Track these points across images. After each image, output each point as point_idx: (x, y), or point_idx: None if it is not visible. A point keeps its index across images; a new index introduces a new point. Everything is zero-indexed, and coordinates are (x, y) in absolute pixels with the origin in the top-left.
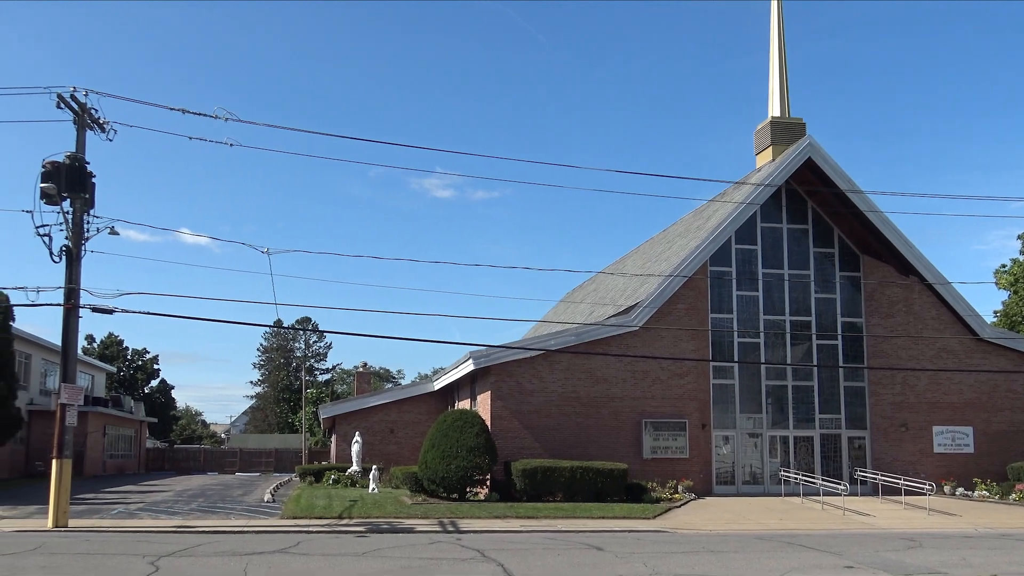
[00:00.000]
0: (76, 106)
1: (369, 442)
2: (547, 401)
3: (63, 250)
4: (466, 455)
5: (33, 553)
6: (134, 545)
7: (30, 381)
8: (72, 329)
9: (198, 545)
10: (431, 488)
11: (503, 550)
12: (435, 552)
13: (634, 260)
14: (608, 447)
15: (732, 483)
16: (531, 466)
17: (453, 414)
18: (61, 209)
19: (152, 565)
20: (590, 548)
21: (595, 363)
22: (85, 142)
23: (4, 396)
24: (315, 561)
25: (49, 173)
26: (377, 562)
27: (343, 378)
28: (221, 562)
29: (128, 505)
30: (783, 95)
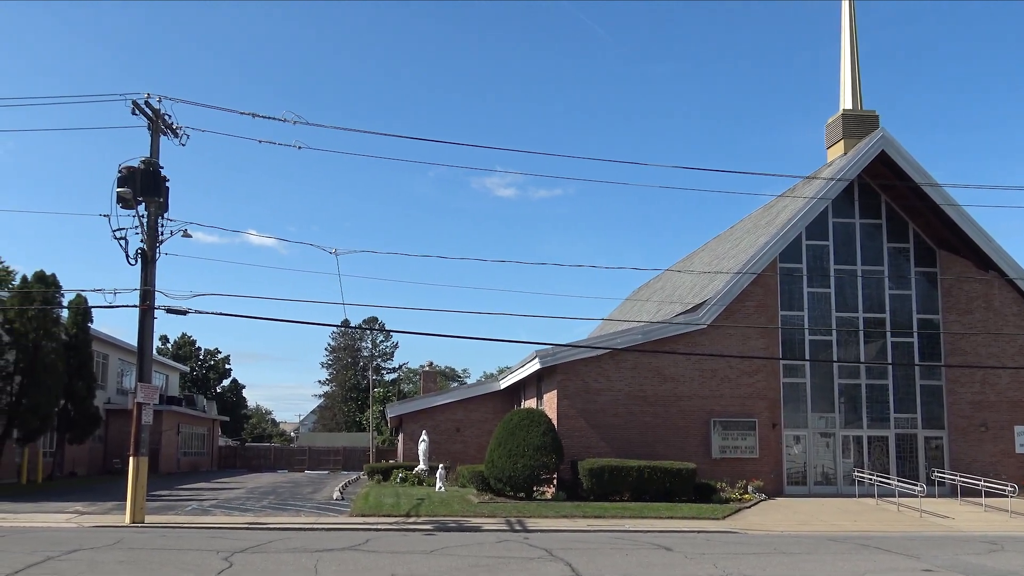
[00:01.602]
0: (150, 112)
1: (436, 441)
2: (614, 400)
3: (138, 253)
4: (532, 454)
5: (112, 548)
6: (208, 541)
7: (107, 381)
8: (147, 330)
9: (270, 542)
10: (498, 487)
11: (571, 549)
12: (503, 551)
13: (701, 257)
14: (676, 446)
15: (803, 483)
16: (598, 465)
17: (519, 413)
18: (136, 213)
19: (226, 561)
20: (659, 548)
21: (662, 361)
22: (159, 147)
23: (83, 395)
24: (384, 558)
25: (125, 178)
26: (445, 560)
27: (409, 377)
28: (292, 558)
29: (202, 502)
30: (855, 87)
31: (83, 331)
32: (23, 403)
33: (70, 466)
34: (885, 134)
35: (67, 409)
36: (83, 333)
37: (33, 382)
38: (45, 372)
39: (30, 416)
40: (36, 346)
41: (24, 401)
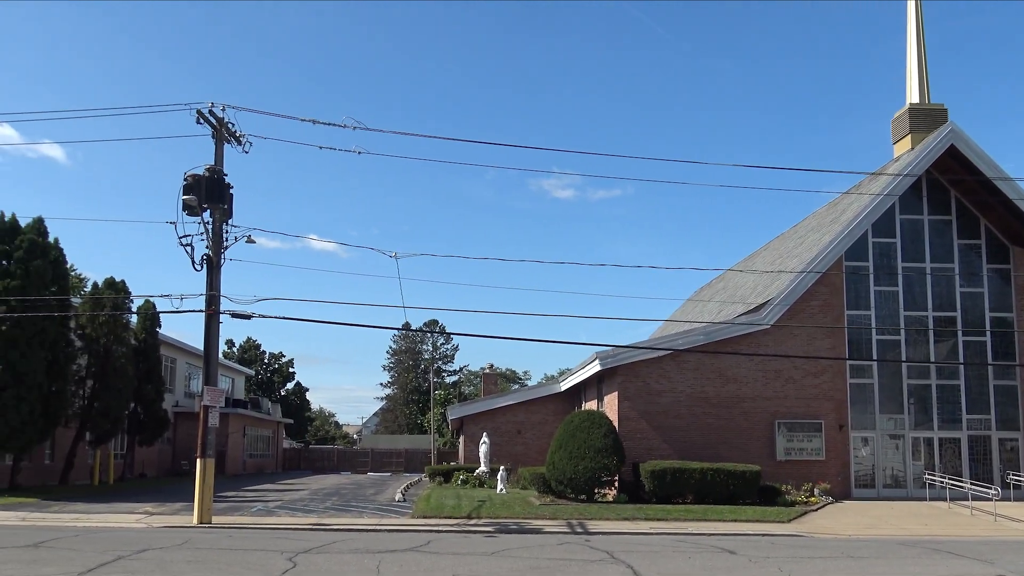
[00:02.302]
0: (214, 121)
1: (496, 443)
2: (675, 401)
3: (204, 259)
4: (594, 456)
5: (180, 548)
6: (273, 541)
7: (175, 384)
8: (213, 334)
9: (333, 542)
10: (559, 489)
11: (633, 552)
12: (564, 553)
13: (764, 257)
14: (739, 448)
15: (872, 486)
16: (660, 467)
17: (580, 415)
18: (202, 220)
19: (290, 561)
20: (722, 551)
21: (725, 362)
22: (223, 155)
23: (152, 398)
24: (445, 560)
25: (190, 186)
26: (507, 562)
27: (470, 379)
28: (355, 559)
29: (267, 503)
30: (922, 80)
31: (151, 336)
32: (95, 406)
33: (140, 467)
34: (954, 128)
35: (137, 412)
36: (151, 338)
37: (104, 386)
38: (116, 376)
39: (101, 419)
40: (107, 351)
41: (96, 404)
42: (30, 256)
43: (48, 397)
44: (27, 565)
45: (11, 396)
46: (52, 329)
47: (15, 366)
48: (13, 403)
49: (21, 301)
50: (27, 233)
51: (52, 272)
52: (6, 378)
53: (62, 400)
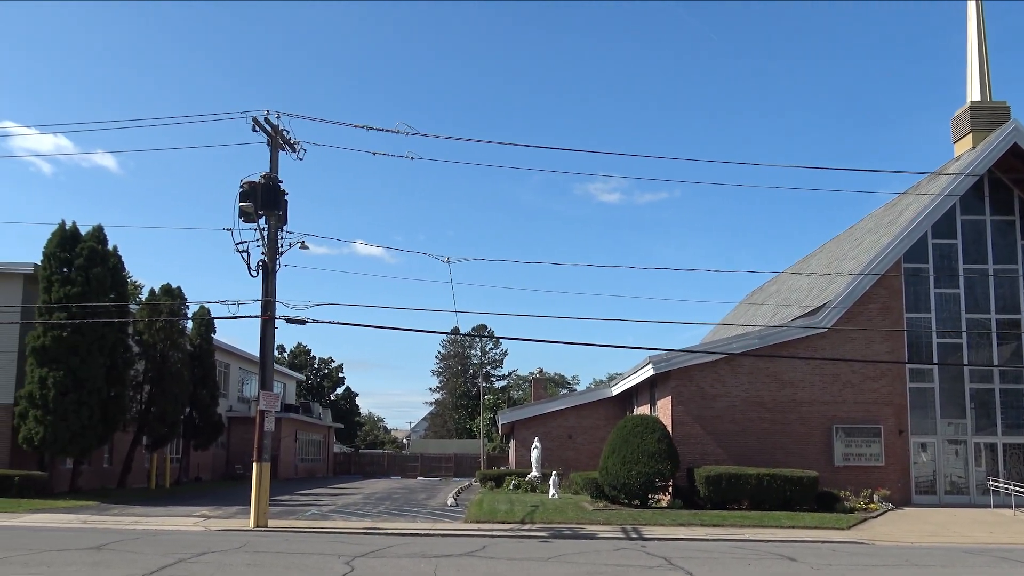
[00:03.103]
0: (269, 128)
1: (547, 448)
2: (730, 406)
3: (260, 265)
4: (647, 461)
5: (239, 551)
6: (329, 545)
7: (229, 389)
8: (269, 339)
9: (388, 547)
10: (612, 494)
11: (690, 558)
12: (620, 559)
13: (819, 259)
14: (795, 454)
15: (933, 493)
16: (715, 473)
17: (633, 419)
18: (257, 226)
19: (347, 565)
20: (782, 558)
21: (781, 366)
22: (278, 162)
23: (207, 403)
24: (501, 565)
25: (246, 192)
26: (563, 567)
27: (519, 384)
28: (411, 563)
29: (320, 507)
30: (983, 78)
31: (207, 341)
32: (152, 411)
33: (195, 471)
34: (1017, 125)
35: (192, 417)
36: (206, 343)
37: (161, 391)
38: (172, 381)
39: (158, 423)
40: (163, 356)
41: (153, 409)
42: (90, 264)
43: (107, 402)
44: (91, 567)
45: (72, 401)
46: (111, 335)
47: (76, 372)
48: (74, 408)
49: (81, 308)
50: (87, 241)
51: (111, 279)
52: (67, 383)
53: (121, 405)
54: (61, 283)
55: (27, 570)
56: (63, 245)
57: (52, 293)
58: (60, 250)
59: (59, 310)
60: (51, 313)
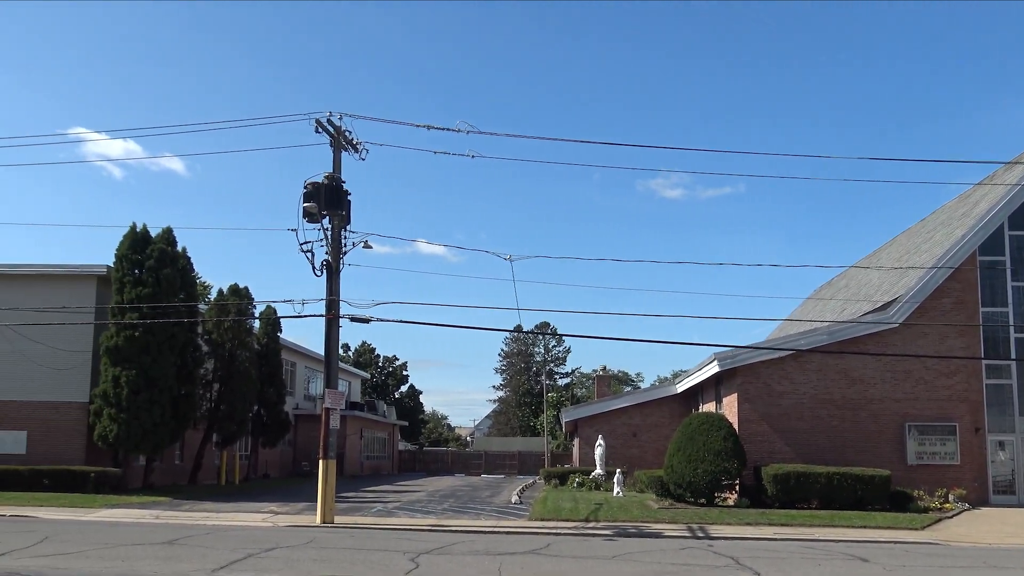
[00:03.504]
0: (332, 130)
1: (611, 445)
2: (798, 403)
3: (324, 264)
4: (713, 459)
5: (306, 547)
6: (394, 542)
7: (295, 387)
8: (333, 338)
9: (453, 544)
10: (677, 492)
11: (758, 558)
12: (686, 558)
13: (889, 253)
14: (866, 452)
15: (1012, 492)
16: (783, 471)
17: (698, 417)
18: (321, 226)
19: (412, 561)
20: (853, 559)
21: (850, 363)
22: (341, 162)
23: (274, 401)
24: (566, 563)
25: (310, 193)
26: (628, 566)
27: (582, 382)
28: (476, 561)
29: (386, 504)
30: None
31: (273, 340)
32: (221, 409)
33: (263, 468)
34: None
35: (260, 414)
36: (273, 342)
37: (229, 389)
38: (240, 380)
39: (227, 421)
40: (232, 355)
41: (222, 407)
42: (160, 265)
43: (178, 400)
44: (164, 561)
45: (144, 399)
46: (181, 335)
47: (148, 371)
48: (146, 406)
49: (152, 308)
50: (157, 243)
51: (180, 280)
52: (140, 382)
53: (191, 403)
54: (133, 284)
55: (103, 564)
56: (134, 247)
57: (124, 294)
58: (131, 252)
59: (131, 311)
60: (123, 314)
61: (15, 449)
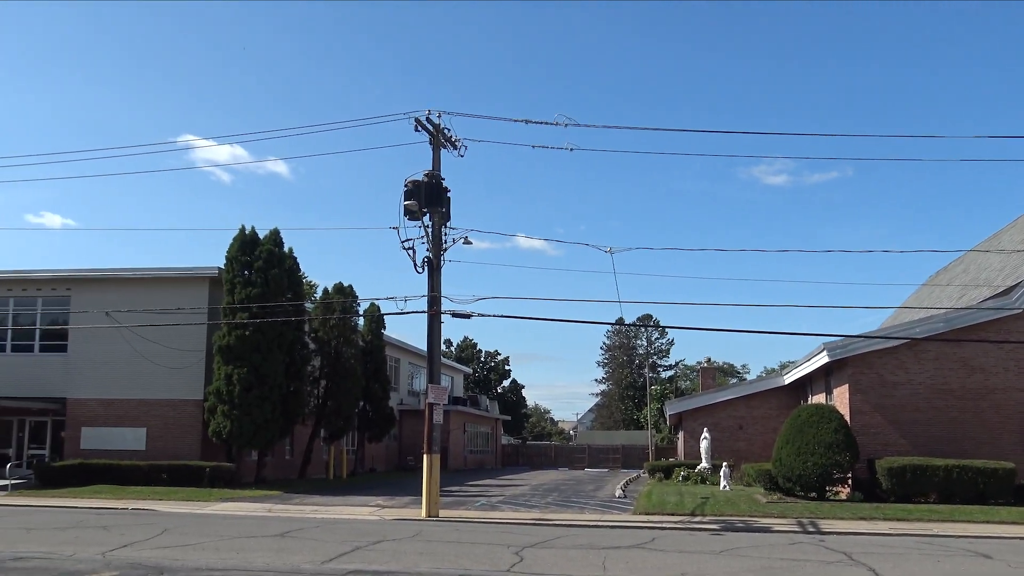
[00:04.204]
0: (431, 127)
1: (717, 438)
2: (913, 394)
3: (425, 261)
4: (823, 452)
5: (412, 540)
6: (498, 535)
7: (399, 383)
8: (436, 334)
9: (556, 537)
10: (786, 486)
11: (872, 554)
12: (796, 553)
13: (1011, 235)
14: (988, 444)
15: None
16: (898, 464)
17: (808, 409)
18: (422, 223)
19: (517, 555)
20: (975, 555)
21: (969, 351)
22: (440, 160)
23: (379, 397)
24: (671, 557)
25: (410, 191)
26: (736, 561)
27: (686, 374)
28: (580, 555)
29: (489, 498)
30: None
31: (377, 337)
32: (328, 405)
33: (370, 463)
34: None
35: (366, 410)
36: (377, 339)
37: (336, 385)
38: (346, 376)
39: (334, 417)
40: (337, 352)
41: (329, 403)
42: (268, 265)
43: (287, 397)
44: (276, 553)
45: (255, 396)
46: (289, 333)
47: (258, 368)
48: (257, 403)
49: (262, 307)
50: (265, 244)
51: (288, 280)
52: (251, 379)
53: (299, 399)
54: (243, 285)
55: (219, 555)
56: (243, 249)
57: (235, 295)
58: (241, 254)
59: (241, 310)
60: (234, 314)
61: (135, 445)
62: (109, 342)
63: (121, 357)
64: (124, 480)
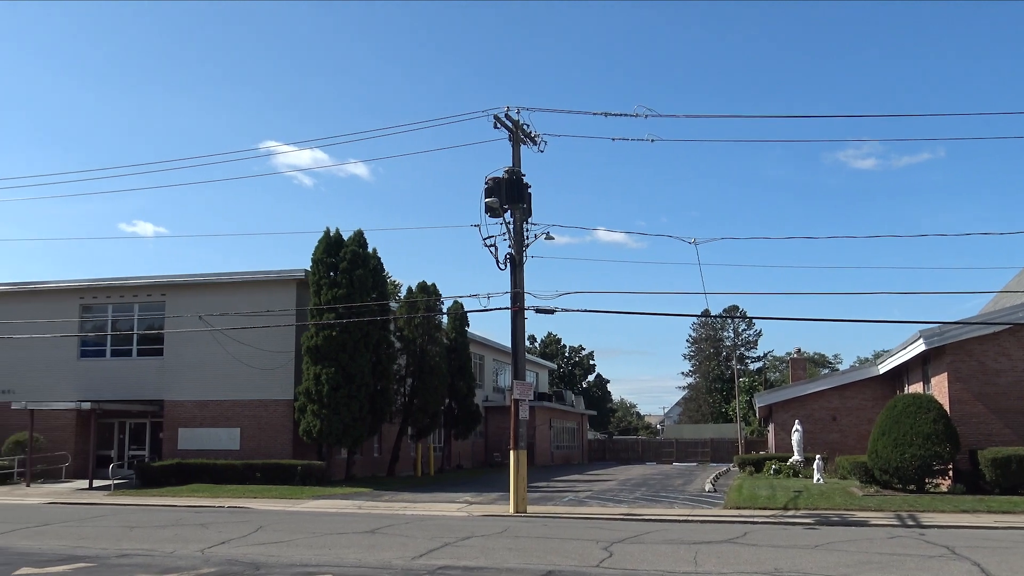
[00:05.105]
0: (510, 124)
1: (809, 430)
2: (1017, 381)
3: (507, 258)
4: (922, 443)
5: (500, 536)
6: (587, 531)
7: (484, 380)
8: (519, 330)
9: (646, 532)
10: (883, 479)
11: (977, 548)
12: (895, 547)
13: None
14: None
15: None
16: (1003, 455)
17: (904, 399)
18: (503, 220)
19: (606, 551)
20: None
21: None
22: (520, 156)
23: (464, 394)
24: (765, 552)
25: (491, 188)
26: (832, 556)
27: (775, 366)
28: (670, 550)
29: (577, 493)
30: None
31: (461, 335)
32: (414, 403)
33: (456, 459)
34: None
35: (451, 407)
36: (461, 336)
37: (422, 383)
38: (431, 374)
39: (421, 414)
40: (422, 350)
41: (415, 401)
42: (353, 266)
43: (374, 395)
44: (367, 550)
45: (343, 395)
46: (374, 333)
47: (346, 368)
48: (345, 401)
49: (347, 308)
50: (349, 246)
51: (372, 280)
52: (339, 379)
53: (387, 398)
54: (329, 286)
55: (312, 552)
56: (328, 251)
57: (321, 296)
58: (326, 255)
59: (328, 311)
60: (321, 315)
61: (230, 445)
62: (202, 345)
63: (214, 359)
64: (219, 479)
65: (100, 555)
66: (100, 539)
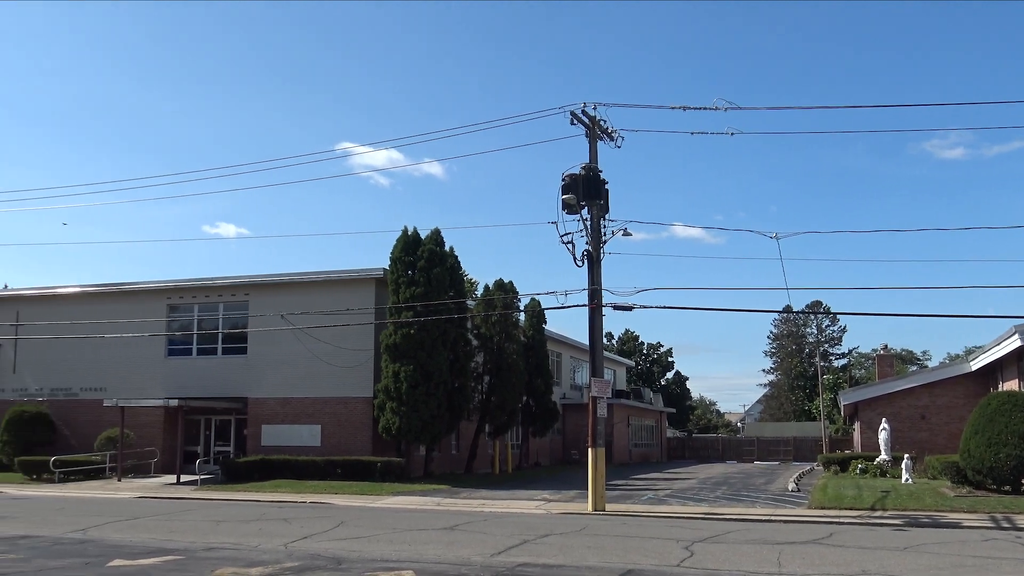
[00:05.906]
0: (587, 120)
1: (896, 429)
2: None
3: (584, 254)
4: (1017, 443)
5: (579, 534)
6: (666, 530)
7: (561, 377)
8: (597, 327)
9: (727, 532)
10: (976, 479)
11: None
12: (989, 550)
13: None
14: None
15: None
16: None
17: (998, 397)
18: (580, 217)
19: (687, 550)
20: None
21: None
22: (596, 152)
23: (542, 391)
24: (851, 554)
25: (568, 185)
26: (922, 558)
27: (860, 362)
28: (753, 550)
29: (656, 492)
30: None
31: (538, 332)
32: (492, 400)
33: (534, 457)
34: None
35: (529, 405)
36: (538, 334)
37: (499, 381)
38: (509, 371)
39: (498, 412)
40: (499, 348)
41: (493, 398)
42: (430, 265)
43: (452, 393)
44: (446, 546)
45: (422, 393)
46: (452, 330)
47: (424, 365)
48: (423, 399)
49: (425, 306)
50: (427, 244)
51: (449, 278)
52: (417, 376)
53: (464, 395)
54: (407, 284)
55: (392, 547)
56: (406, 250)
57: (400, 294)
58: (404, 254)
59: (406, 310)
60: (399, 313)
61: (311, 442)
62: (284, 343)
63: (296, 357)
64: (301, 475)
65: (188, 548)
66: (188, 532)
